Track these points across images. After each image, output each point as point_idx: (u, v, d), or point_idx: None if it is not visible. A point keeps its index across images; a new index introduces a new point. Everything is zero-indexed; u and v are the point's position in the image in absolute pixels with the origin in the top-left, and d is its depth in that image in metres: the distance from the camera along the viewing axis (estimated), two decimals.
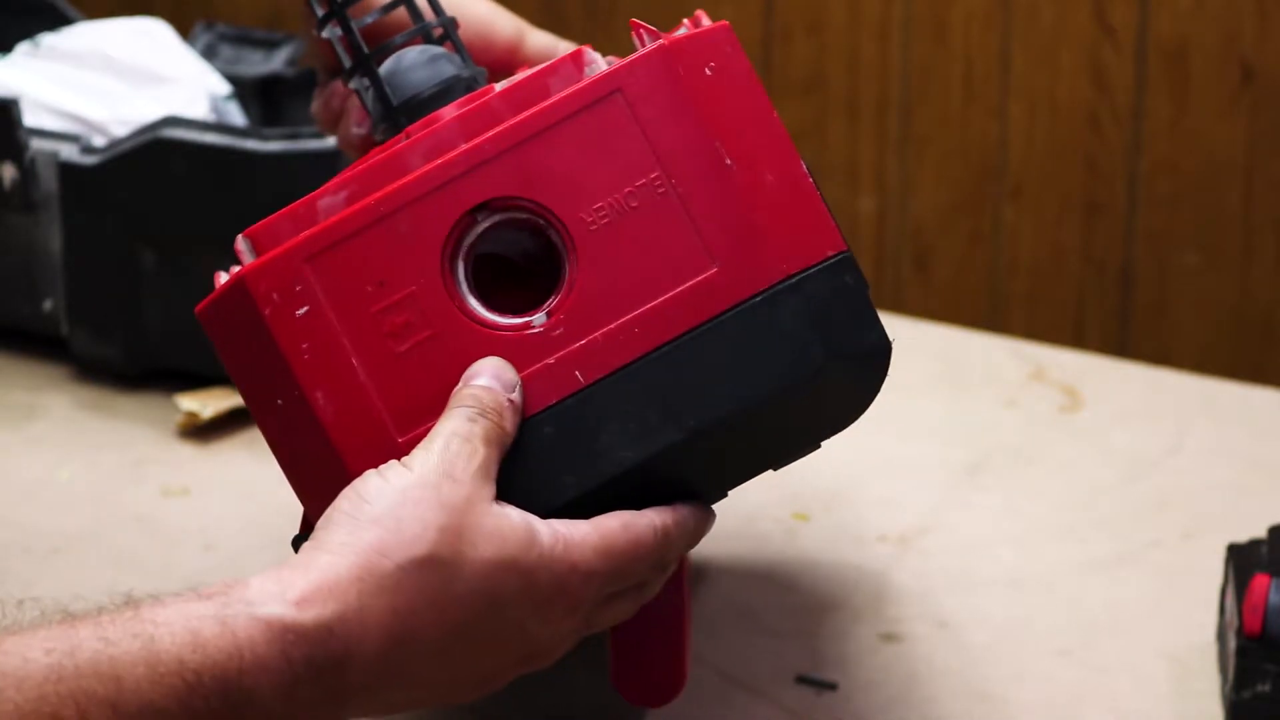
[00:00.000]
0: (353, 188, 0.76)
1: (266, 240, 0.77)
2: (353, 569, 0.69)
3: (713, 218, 0.76)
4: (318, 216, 0.76)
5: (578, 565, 0.74)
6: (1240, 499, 1.17)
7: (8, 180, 1.27)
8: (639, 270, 0.75)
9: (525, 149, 0.75)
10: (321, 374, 0.75)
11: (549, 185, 0.75)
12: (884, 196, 2.11)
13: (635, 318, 0.75)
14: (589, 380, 0.75)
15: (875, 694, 0.97)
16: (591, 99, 0.76)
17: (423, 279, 0.75)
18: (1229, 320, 1.99)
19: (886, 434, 1.26)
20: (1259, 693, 0.91)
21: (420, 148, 0.77)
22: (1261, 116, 1.93)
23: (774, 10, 2.12)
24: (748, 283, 0.76)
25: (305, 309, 0.74)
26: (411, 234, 0.75)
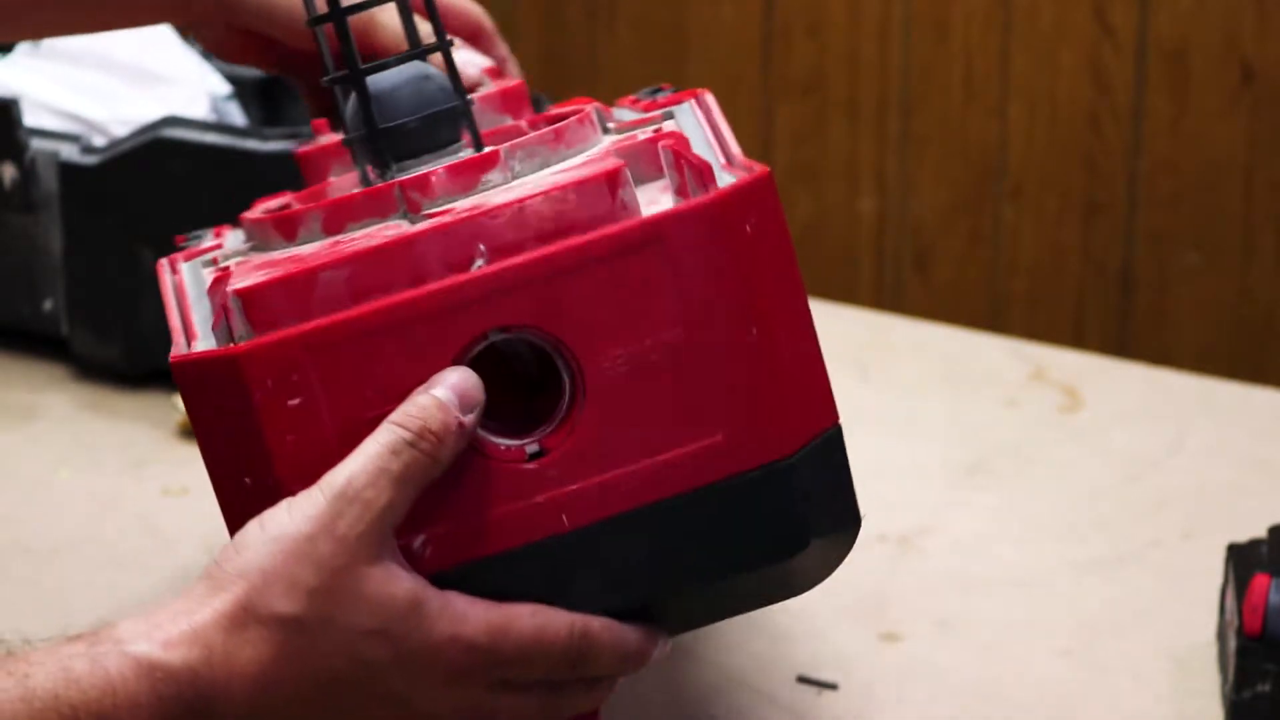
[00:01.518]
0: (357, 269, 0.73)
1: (259, 302, 0.73)
2: (219, 619, 0.69)
3: (729, 385, 0.74)
4: (316, 289, 0.73)
5: (459, 636, 0.71)
6: (1240, 499, 1.17)
7: (8, 180, 1.27)
8: (644, 424, 0.73)
9: (554, 282, 0.72)
10: (302, 468, 0.71)
11: (572, 323, 0.73)
12: (884, 196, 2.11)
13: (631, 472, 0.73)
14: (573, 525, 0.73)
15: (875, 694, 0.97)
16: (631, 244, 0.73)
17: None
18: (1229, 320, 2.00)
19: (886, 434, 1.26)
20: (1259, 693, 0.91)
21: (435, 242, 0.73)
22: (1261, 116, 1.94)
23: (774, 10, 2.12)
24: (750, 454, 0.74)
25: (298, 401, 0.71)
26: (422, 346, 0.72)
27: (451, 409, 0.71)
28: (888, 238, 2.11)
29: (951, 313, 2.04)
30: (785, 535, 0.75)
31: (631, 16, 2.19)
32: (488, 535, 0.73)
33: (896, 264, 2.11)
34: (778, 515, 0.75)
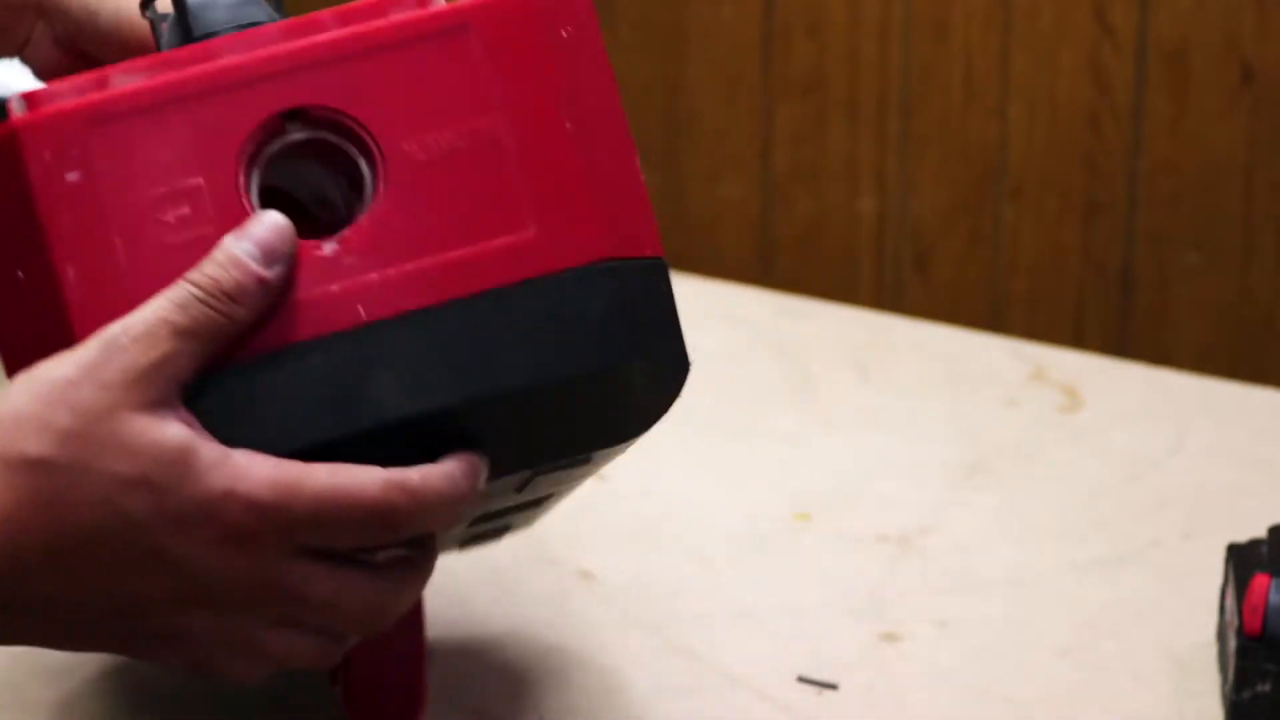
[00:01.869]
0: (153, 64, 0.70)
1: (45, 97, 0.69)
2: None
3: (542, 178, 0.71)
4: (108, 86, 0.69)
5: (236, 492, 0.66)
6: (1240, 499, 1.17)
7: None
8: (450, 214, 0.70)
9: (356, 62, 0.69)
10: (78, 249, 0.67)
11: (375, 104, 0.70)
12: (884, 196, 2.11)
13: (435, 263, 0.70)
14: (371, 318, 0.69)
15: (875, 694, 0.97)
16: (439, 27, 0.71)
17: (214, 173, 0.69)
18: (1229, 320, 2.00)
19: (886, 434, 1.26)
20: (1259, 693, 0.91)
21: (236, 43, 0.70)
22: (1261, 116, 1.94)
23: (774, 10, 2.12)
24: (563, 254, 0.71)
25: (77, 175, 0.67)
26: (213, 123, 0.68)
27: (250, 264, 0.68)
28: (888, 238, 2.11)
29: (951, 313, 2.04)
30: (598, 347, 0.71)
31: (631, 16, 2.19)
32: (280, 326, 0.69)
33: (896, 264, 2.11)
34: (590, 324, 0.71)
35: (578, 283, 0.71)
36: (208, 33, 0.74)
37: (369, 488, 0.67)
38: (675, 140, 2.18)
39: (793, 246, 2.16)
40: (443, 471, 0.69)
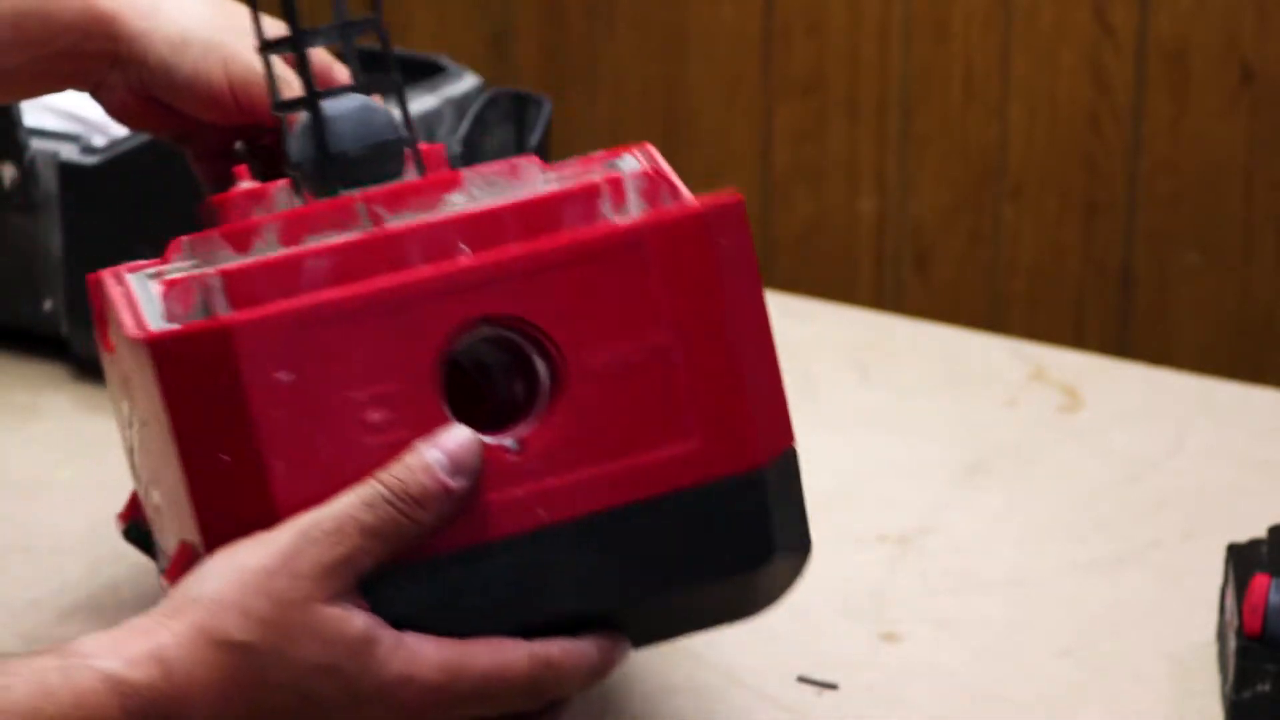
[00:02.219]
0: (339, 260, 0.74)
1: (243, 286, 0.73)
2: (178, 640, 0.71)
3: (708, 393, 0.75)
4: (301, 279, 0.73)
5: (414, 677, 0.72)
6: (1240, 499, 1.17)
7: (8, 180, 1.27)
8: (624, 424, 0.74)
9: (545, 275, 0.74)
10: (285, 444, 0.72)
11: (558, 315, 0.74)
12: (884, 196, 2.11)
13: (608, 470, 0.74)
14: (549, 521, 0.73)
15: (875, 694, 0.97)
16: (617, 244, 0.75)
17: (411, 379, 0.73)
18: (1229, 320, 2.00)
19: (886, 434, 1.26)
20: (1259, 693, 0.91)
21: (418, 239, 0.74)
22: (1261, 116, 1.94)
23: (774, 10, 2.12)
24: (723, 463, 0.76)
25: (287, 375, 0.71)
26: (411, 331, 0.72)
27: (439, 472, 0.72)
28: (888, 238, 2.11)
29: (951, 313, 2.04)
30: (754, 545, 0.76)
31: (631, 16, 2.19)
32: (470, 526, 0.73)
33: (896, 264, 2.11)
34: (748, 524, 0.76)
35: (735, 490, 0.76)
36: (341, 150, 0.80)
37: (519, 664, 0.73)
38: (675, 140, 2.18)
39: (793, 246, 2.16)
40: (584, 650, 0.75)
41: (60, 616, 1.02)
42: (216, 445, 0.72)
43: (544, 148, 1.34)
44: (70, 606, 1.03)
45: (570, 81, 2.20)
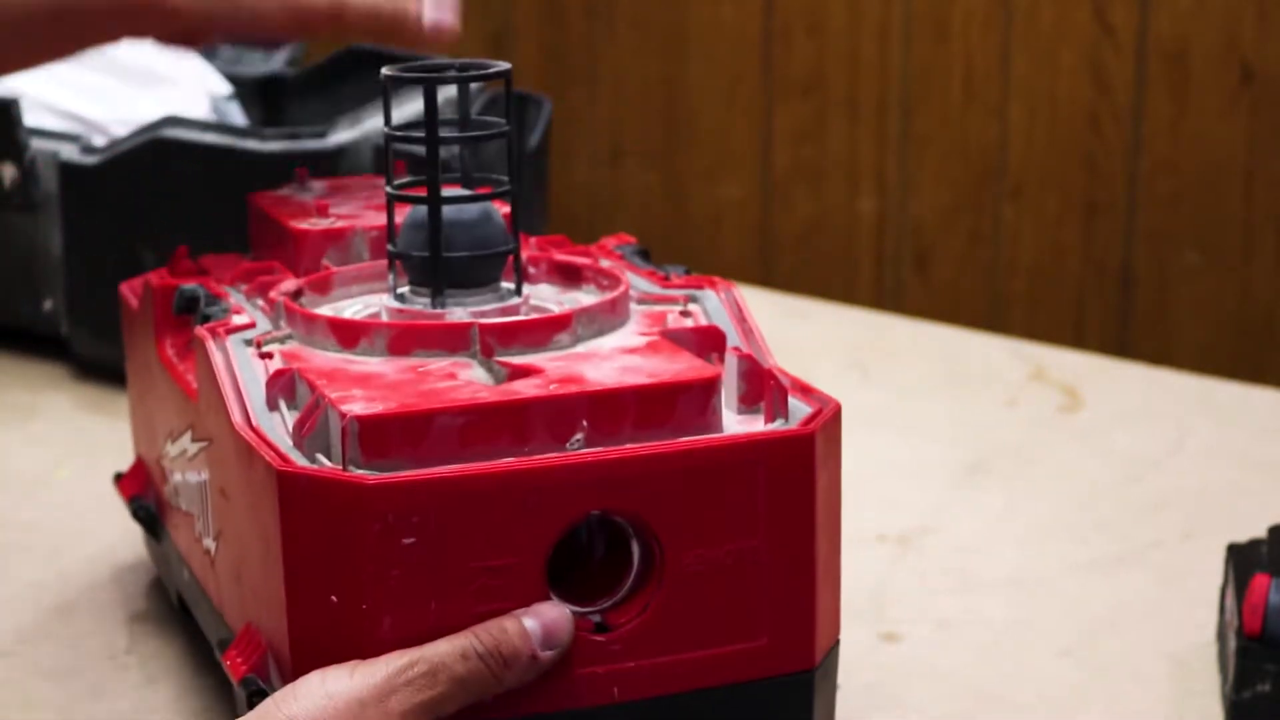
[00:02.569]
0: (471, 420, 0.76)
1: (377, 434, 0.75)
2: None
3: (781, 596, 0.79)
4: (430, 431, 0.76)
5: None
6: (1240, 499, 1.17)
7: (8, 180, 1.27)
8: (703, 619, 0.78)
9: (666, 480, 0.77)
10: (397, 603, 0.74)
11: (671, 519, 0.77)
12: (884, 196, 2.11)
13: (681, 660, 0.78)
14: (621, 699, 0.78)
15: (875, 694, 0.97)
16: (738, 458, 0.78)
17: (525, 558, 0.76)
18: (1229, 320, 1.99)
19: (886, 434, 1.26)
20: (1259, 693, 0.91)
21: (545, 410, 0.77)
22: (1261, 116, 1.94)
23: (774, 10, 2.12)
24: (782, 662, 0.80)
25: (412, 541, 0.74)
26: (537, 512, 0.75)
27: (532, 641, 0.75)
28: (888, 238, 2.11)
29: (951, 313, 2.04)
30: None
31: (631, 16, 2.19)
32: (547, 693, 0.76)
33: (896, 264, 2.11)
34: (793, 716, 0.81)
35: (788, 687, 0.80)
36: (452, 255, 0.84)
37: None
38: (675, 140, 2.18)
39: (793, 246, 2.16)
40: None
41: (60, 615, 1.02)
42: (327, 586, 0.75)
43: (544, 148, 1.34)
44: (70, 606, 1.03)
45: (570, 81, 2.20)
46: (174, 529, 0.95)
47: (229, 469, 0.82)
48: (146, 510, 0.99)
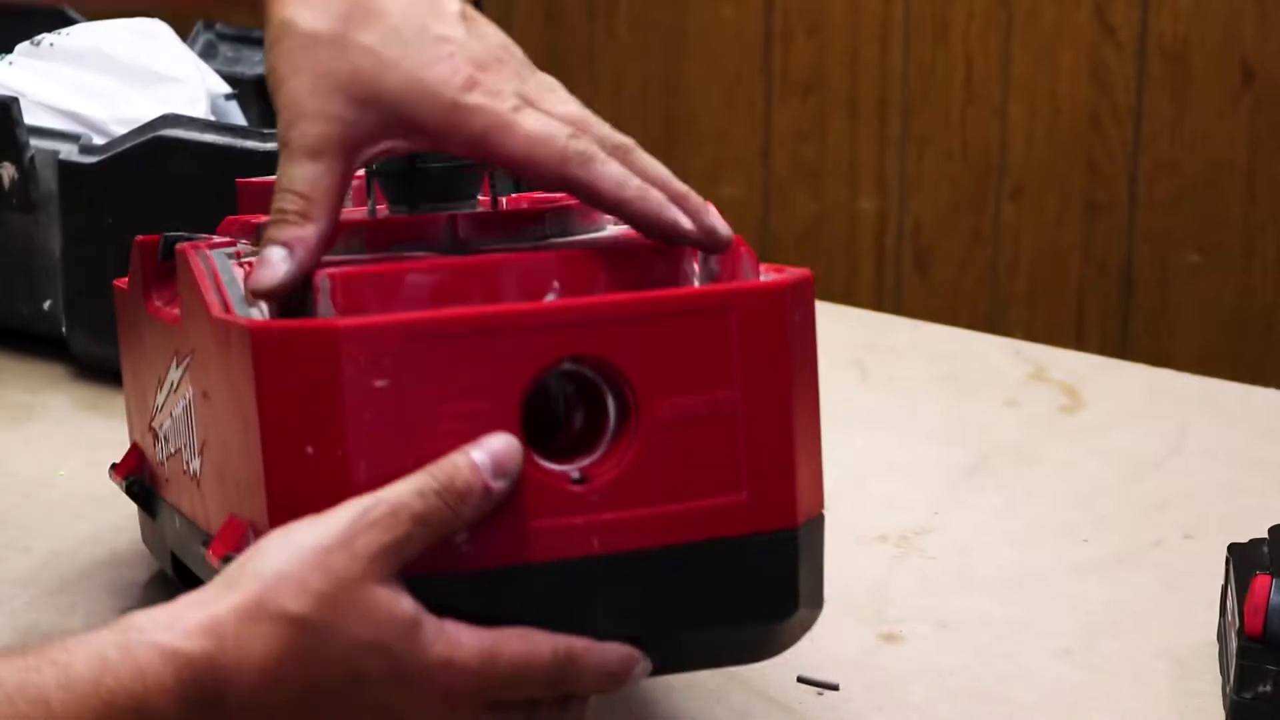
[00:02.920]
0: (443, 279, 0.77)
1: (348, 288, 0.76)
2: (234, 612, 0.72)
3: (761, 452, 0.79)
4: (402, 288, 0.76)
5: (453, 661, 0.74)
6: (1240, 499, 1.17)
7: (8, 180, 1.27)
8: (681, 471, 0.78)
9: (636, 324, 0.77)
10: (370, 447, 0.75)
11: (645, 366, 0.78)
12: (884, 196, 2.11)
13: (661, 513, 0.78)
14: (602, 551, 0.77)
15: (875, 694, 0.97)
16: (706, 306, 0.79)
17: (498, 402, 0.76)
18: (1229, 320, 2.00)
19: (886, 434, 1.26)
20: (1260, 693, 0.91)
21: (515, 270, 0.78)
22: (1261, 116, 1.94)
23: (774, 10, 2.12)
24: (765, 518, 0.80)
25: (384, 383, 0.75)
26: (507, 357, 0.76)
27: (483, 472, 0.75)
28: (888, 238, 2.11)
29: (951, 313, 2.04)
30: (780, 598, 0.81)
31: (631, 16, 2.19)
32: (526, 544, 0.76)
33: (896, 264, 2.11)
34: (778, 578, 0.81)
35: (771, 545, 0.80)
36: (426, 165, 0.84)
37: (544, 654, 0.76)
38: (675, 140, 2.18)
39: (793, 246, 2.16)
40: (604, 652, 0.77)
41: (60, 615, 1.02)
42: (303, 437, 0.75)
43: None
44: (69, 606, 1.03)
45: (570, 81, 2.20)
46: (165, 489, 0.95)
47: (210, 365, 0.81)
48: (140, 484, 1.00)
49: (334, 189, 0.78)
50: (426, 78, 0.77)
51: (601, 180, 0.79)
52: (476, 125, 0.78)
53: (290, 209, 0.78)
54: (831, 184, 2.12)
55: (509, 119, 0.78)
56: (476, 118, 0.78)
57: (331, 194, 0.78)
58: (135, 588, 1.05)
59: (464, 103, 0.77)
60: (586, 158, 0.79)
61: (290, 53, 0.78)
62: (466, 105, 0.77)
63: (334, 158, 0.78)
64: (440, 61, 0.78)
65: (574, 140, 0.79)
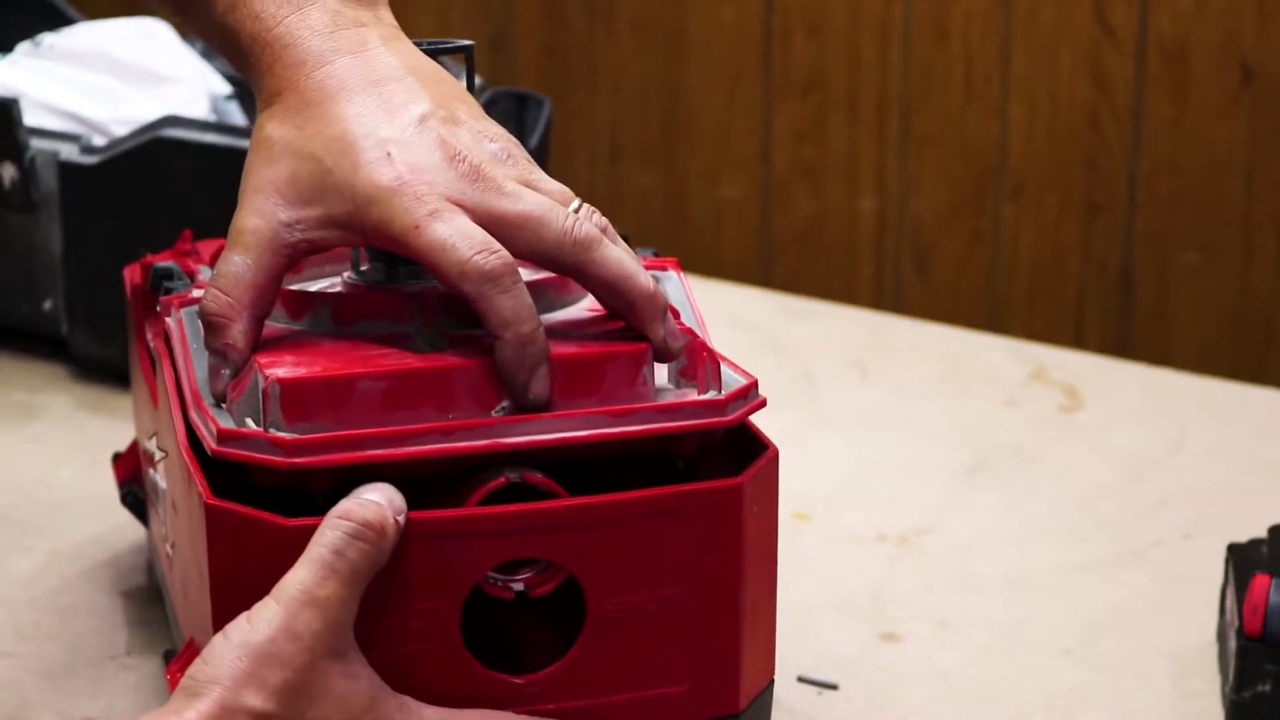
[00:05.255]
0: (393, 385, 0.77)
1: (296, 396, 0.76)
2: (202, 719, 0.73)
3: (706, 643, 0.79)
4: (352, 395, 0.76)
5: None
6: (1240, 499, 1.17)
7: (8, 180, 1.27)
8: (623, 665, 0.78)
9: (588, 531, 0.77)
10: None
11: (594, 568, 0.77)
12: (884, 196, 2.11)
13: (602, 703, 0.78)
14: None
15: (875, 694, 0.97)
16: (661, 508, 0.77)
17: (444, 601, 0.76)
18: (1229, 320, 2.00)
19: (886, 434, 1.26)
20: (1259, 693, 0.91)
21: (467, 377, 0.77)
22: (1261, 116, 1.94)
23: (774, 10, 2.12)
24: (707, 706, 0.79)
25: None
26: (455, 560, 0.76)
27: (386, 509, 0.75)
28: (888, 238, 2.11)
29: (951, 313, 2.04)
30: None
31: (631, 16, 2.19)
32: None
33: (896, 264, 2.11)
34: None
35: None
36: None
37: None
38: (675, 140, 2.18)
39: (793, 246, 2.16)
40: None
41: (60, 615, 1.02)
42: (248, 601, 0.75)
43: (544, 148, 1.34)
44: (69, 606, 1.03)
45: (570, 81, 2.20)
46: (154, 524, 0.95)
47: (178, 483, 0.82)
48: (134, 496, 1.00)
49: (257, 284, 0.80)
50: (356, 180, 0.79)
51: (489, 312, 0.78)
52: (395, 227, 0.78)
53: (212, 310, 0.80)
54: (831, 184, 2.12)
55: (420, 223, 0.78)
56: (396, 220, 0.78)
57: (255, 289, 0.80)
58: (136, 588, 1.05)
59: (387, 204, 0.79)
60: (482, 278, 0.77)
61: (254, 154, 0.82)
62: (389, 207, 0.78)
63: (263, 252, 0.80)
64: (374, 164, 0.79)
65: (479, 257, 0.77)
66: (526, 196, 0.80)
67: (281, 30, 0.83)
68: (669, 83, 2.18)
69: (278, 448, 0.75)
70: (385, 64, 0.82)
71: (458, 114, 0.82)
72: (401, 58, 0.83)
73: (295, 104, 0.81)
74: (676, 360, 0.82)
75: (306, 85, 0.82)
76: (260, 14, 0.83)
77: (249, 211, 0.81)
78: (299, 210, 0.80)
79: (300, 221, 0.80)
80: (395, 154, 0.79)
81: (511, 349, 0.77)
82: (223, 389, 0.79)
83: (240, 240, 0.80)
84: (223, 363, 0.80)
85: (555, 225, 0.79)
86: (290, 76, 0.82)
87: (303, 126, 0.81)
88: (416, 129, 0.80)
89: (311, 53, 0.82)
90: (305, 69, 0.82)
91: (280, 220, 0.80)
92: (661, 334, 0.81)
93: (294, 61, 0.82)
